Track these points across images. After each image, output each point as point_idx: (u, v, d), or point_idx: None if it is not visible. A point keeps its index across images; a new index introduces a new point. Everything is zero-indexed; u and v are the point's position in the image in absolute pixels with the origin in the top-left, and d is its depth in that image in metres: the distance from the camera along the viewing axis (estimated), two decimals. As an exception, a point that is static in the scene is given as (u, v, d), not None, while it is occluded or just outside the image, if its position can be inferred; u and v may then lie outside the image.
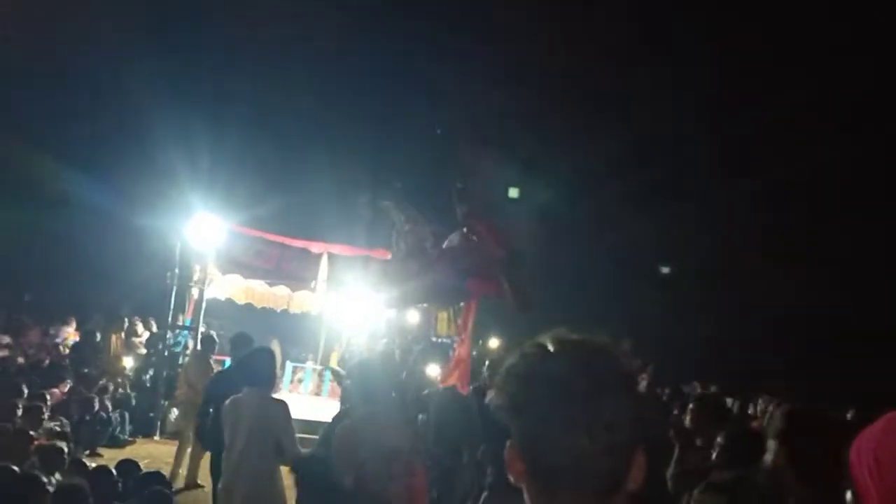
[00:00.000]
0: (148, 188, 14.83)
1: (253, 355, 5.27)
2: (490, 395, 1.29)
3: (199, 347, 11.27)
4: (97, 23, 16.58)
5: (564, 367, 1.16)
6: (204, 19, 19.27)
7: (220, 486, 5.01)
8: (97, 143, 16.89)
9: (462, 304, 8.67)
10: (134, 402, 12.21)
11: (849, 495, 1.37)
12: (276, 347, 13.63)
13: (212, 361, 9.74)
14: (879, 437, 1.33)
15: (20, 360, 11.62)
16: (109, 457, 9.04)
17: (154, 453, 10.51)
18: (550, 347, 1.21)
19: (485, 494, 5.31)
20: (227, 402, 5.02)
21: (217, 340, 10.57)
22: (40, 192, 15.71)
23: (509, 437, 1.21)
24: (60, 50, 15.92)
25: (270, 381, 5.13)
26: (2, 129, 15.50)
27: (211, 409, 5.91)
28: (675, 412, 6.89)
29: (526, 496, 1.20)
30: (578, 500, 1.15)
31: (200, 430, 6.80)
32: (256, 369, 5.00)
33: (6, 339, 13.01)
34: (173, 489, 7.30)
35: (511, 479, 1.21)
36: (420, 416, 6.90)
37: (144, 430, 11.96)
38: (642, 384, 8.17)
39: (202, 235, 12.34)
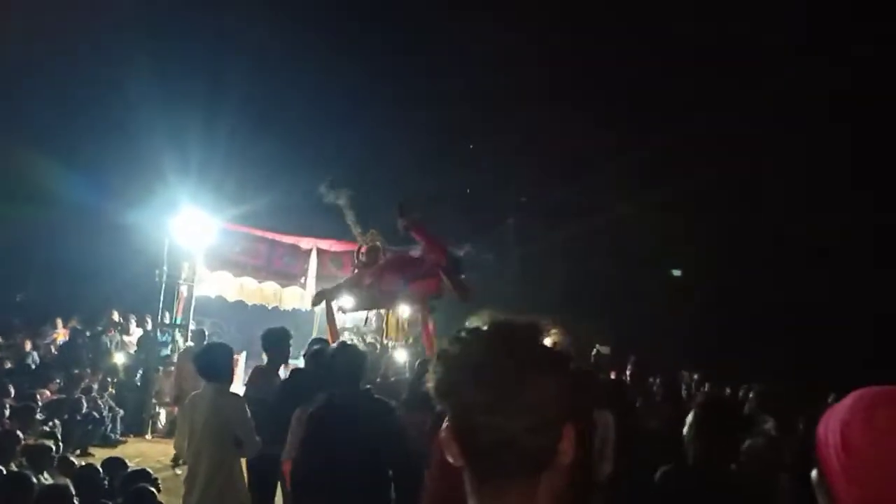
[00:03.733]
0: (134, 184, 14.74)
1: (210, 350, 5.35)
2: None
3: (190, 344, 11.28)
4: (81, 14, 16.43)
5: (486, 349, 1.19)
6: (194, 9, 19.15)
7: (184, 475, 5.15)
8: (82, 138, 16.71)
9: (408, 308, 9.16)
10: (125, 401, 12.23)
11: (814, 474, 1.36)
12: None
13: None
14: (847, 414, 1.31)
15: (8, 363, 11.58)
16: (101, 456, 8.99)
17: (145, 452, 10.54)
18: (476, 331, 1.24)
19: None
20: (189, 397, 5.14)
21: (207, 336, 10.58)
22: (23, 188, 15.55)
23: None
24: (42, 42, 15.77)
25: (227, 375, 5.23)
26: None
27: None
28: (660, 400, 6.92)
29: (465, 476, 1.23)
30: (508, 479, 1.19)
31: None
32: (213, 364, 5.08)
33: (-1, 340, 13.06)
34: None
35: (450, 460, 1.24)
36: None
37: (136, 429, 12.00)
38: (627, 374, 8.28)
39: (190, 232, 12.32)
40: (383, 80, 20.91)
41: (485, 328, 1.24)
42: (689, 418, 3.22)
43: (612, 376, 9.27)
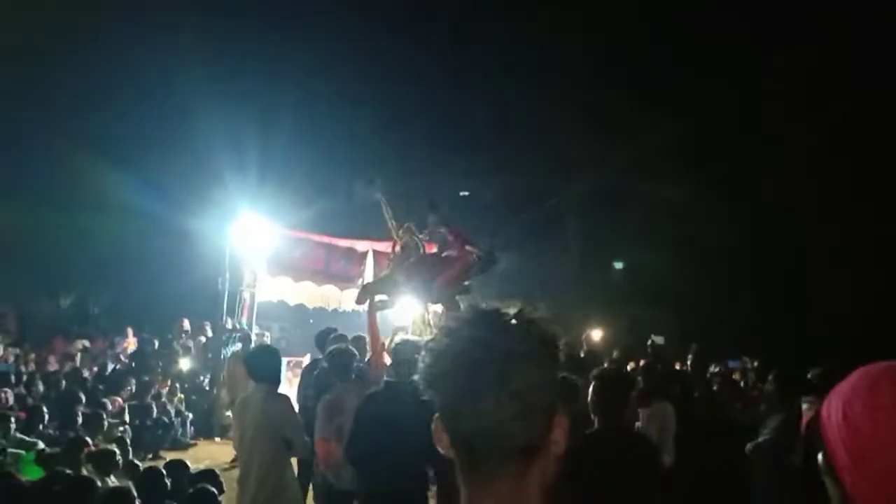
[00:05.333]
0: (195, 193, 15.15)
1: (258, 352, 5.55)
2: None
3: (238, 348, 11.57)
4: (145, 23, 16.98)
5: (473, 337, 1.19)
6: (254, 19, 19.57)
7: (238, 476, 5.27)
8: (147, 147, 17.20)
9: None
10: (194, 405, 12.59)
11: (820, 457, 1.31)
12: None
13: None
14: (848, 392, 1.27)
15: (85, 372, 12.06)
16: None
17: (214, 454, 10.77)
18: (463, 320, 1.23)
19: None
20: (239, 399, 5.24)
21: (253, 340, 10.92)
22: (92, 198, 16.10)
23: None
24: (106, 52, 16.32)
25: (276, 377, 5.32)
26: (50, 134, 16.03)
27: None
28: (718, 390, 6.75)
29: (456, 467, 1.23)
30: (496, 466, 1.18)
31: None
32: (261, 366, 5.19)
33: (84, 343, 13.71)
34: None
35: (441, 450, 1.24)
36: None
37: (205, 432, 12.32)
38: (687, 363, 8.06)
39: (251, 239, 12.59)
40: (438, 79, 20.99)
41: (472, 316, 1.24)
42: (590, 389, 3.83)
43: (677, 367, 9.12)
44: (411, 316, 10.24)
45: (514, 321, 1.21)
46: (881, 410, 1.21)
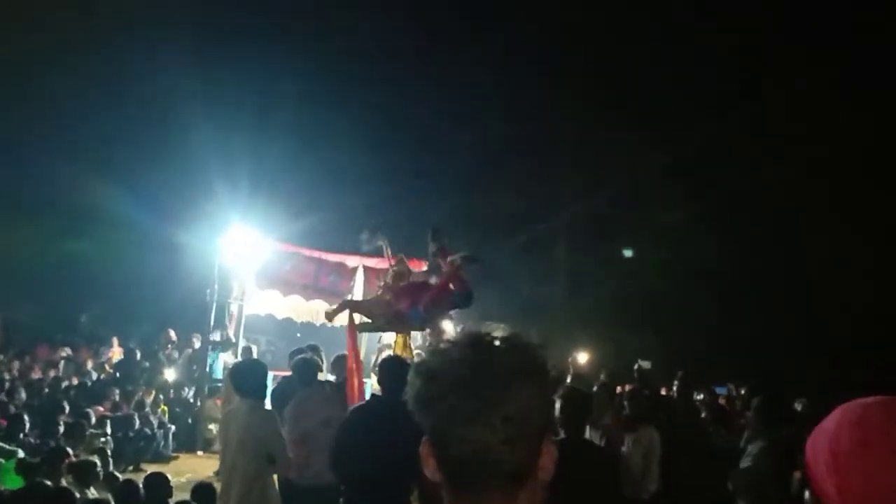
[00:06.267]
0: (186, 205, 15.14)
1: (243, 367, 5.53)
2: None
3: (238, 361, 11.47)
4: (137, 37, 17.02)
5: (464, 360, 1.17)
6: (246, 33, 19.64)
7: (220, 489, 5.22)
8: (136, 160, 17.17)
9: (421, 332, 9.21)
10: (177, 417, 12.48)
11: (807, 495, 1.31)
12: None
13: None
14: (834, 430, 1.27)
15: (66, 381, 11.95)
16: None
17: (196, 467, 10.64)
18: (455, 342, 1.21)
19: None
20: (224, 413, 5.22)
21: (254, 353, 10.80)
22: (81, 209, 16.07)
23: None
24: (98, 66, 16.35)
25: (260, 391, 5.26)
26: (43, 146, 16.01)
27: None
28: (703, 416, 6.75)
29: (443, 491, 1.21)
30: (484, 492, 1.16)
31: None
32: (246, 380, 5.16)
33: (67, 351, 13.61)
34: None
35: (427, 474, 1.21)
36: None
37: (188, 444, 12.20)
38: (673, 389, 8.06)
39: (240, 252, 12.55)
40: (428, 100, 21.10)
41: (464, 339, 1.21)
42: (558, 405, 4.15)
43: (663, 392, 9.12)
44: (394, 336, 10.23)
45: (506, 345, 1.19)
46: (869, 447, 1.20)
